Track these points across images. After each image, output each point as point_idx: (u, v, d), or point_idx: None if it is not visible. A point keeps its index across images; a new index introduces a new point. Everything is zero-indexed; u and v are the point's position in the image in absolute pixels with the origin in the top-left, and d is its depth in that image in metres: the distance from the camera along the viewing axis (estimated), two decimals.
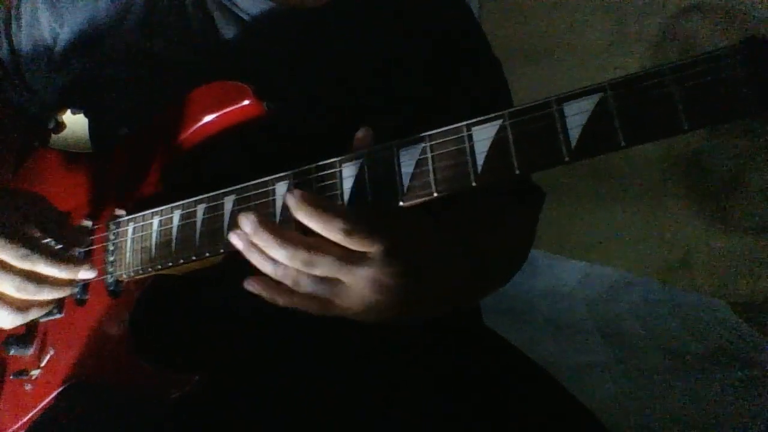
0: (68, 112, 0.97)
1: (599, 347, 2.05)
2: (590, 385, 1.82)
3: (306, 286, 0.59)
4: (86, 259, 0.78)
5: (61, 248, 0.74)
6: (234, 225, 0.68)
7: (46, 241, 0.73)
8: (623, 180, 2.37)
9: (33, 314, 0.73)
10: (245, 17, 0.84)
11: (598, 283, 2.33)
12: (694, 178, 2.34)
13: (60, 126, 0.99)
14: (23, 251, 0.67)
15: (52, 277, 0.71)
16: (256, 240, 0.59)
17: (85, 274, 0.73)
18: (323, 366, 0.79)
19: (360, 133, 0.63)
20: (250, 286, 0.61)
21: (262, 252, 0.60)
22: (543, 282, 2.32)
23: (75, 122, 0.97)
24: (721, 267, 2.29)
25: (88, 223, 0.81)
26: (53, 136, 1.00)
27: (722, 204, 2.30)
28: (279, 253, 0.58)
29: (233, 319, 0.81)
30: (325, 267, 0.58)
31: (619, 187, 2.39)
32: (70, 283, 0.74)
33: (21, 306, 0.71)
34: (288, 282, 0.60)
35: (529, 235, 0.90)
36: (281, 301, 0.61)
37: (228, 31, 0.84)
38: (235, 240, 0.61)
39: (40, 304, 0.73)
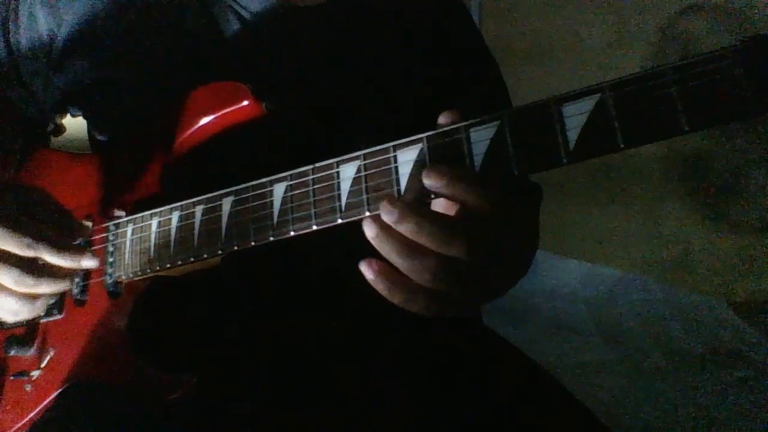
0: (68, 115, 0.97)
1: (599, 347, 2.05)
2: (590, 385, 1.82)
3: (441, 281, 0.53)
4: (88, 248, 0.78)
5: (63, 238, 0.74)
6: (234, 225, 0.68)
7: (48, 232, 0.72)
8: (623, 180, 2.37)
9: (40, 305, 0.73)
10: (246, 14, 0.84)
11: (598, 283, 2.33)
12: (694, 178, 2.33)
13: (59, 129, 0.99)
14: (27, 240, 0.67)
15: (55, 266, 0.70)
16: (404, 218, 0.52)
17: (88, 262, 0.72)
18: (322, 366, 0.79)
19: (445, 117, 0.57)
20: (367, 266, 0.54)
21: (399, 240, 0.53)
22: (543, 282, 2.32)
23: (74, 124, 0.97)
24: (721, 267, 2.29)
25: (88, 224, 0.81)
26: (53, 139, 1.00)
27: (722, 204, 2.29)
28: (432, 235, 0.51)
29: (232, 321, 0.81)
30: (483, 246, 0.52)
31: (619, 187, 2.39)
32: (72, 274, 0.73)
33: (24, 296, 0.71)
34: (425, 276, 0.52)
35: (535, 231, 0.90)
36: (399, 296, 0.54)
37: (228, 29, 0.84)
38: (368, 225, 0.54)
39: (46, 295, 0.73)
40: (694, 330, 2.11)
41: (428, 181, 0.53)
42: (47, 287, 0.70)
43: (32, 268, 0.69)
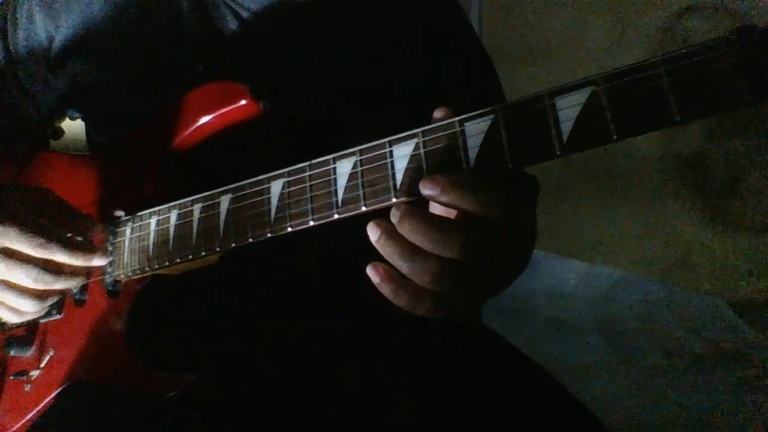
0: (66, 118, 0.97)
1: (599, 347, 2.04)
2: (590, 385, 1.81)
3: (443, 283, 0.52)
4: (97, 246, 0.79)
5: (72, 237, 0.76)
6: (232, 223, 0.68)
7: (59, 231, 0.74)
8: (623, 180, 2.37)
9: (50, 302, 0.75)
10: (244, 13, 0.84)
11: (598, 283, 2.32)
12: (694, 178, 2.33)
13: (58, 133, 1.00)
14: (39, 240, 0.69)
15: (68, 265, 0.73)
16: (402, 220, 0.52)
17: (99, 260, 0.76)
18: (324, 365, 0.79)
19: (439, 113, 0.57)
20: (374, 270, 0.54)
21: (401, 243, 0.53)
22: (543, 282, 2.32)
23: (72, 126, 0.98)
24: (721, 267, 2.29)
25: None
26: (52, 142, 1.00)
27: (722, 204, 2.29)
28: (428, 236, 0.51)
29: (231, 319, 0.81)
30: (481, 247, 0.52)
31: (619, 187, 2.39)
32: (85, 271, 0.76)
33: (39, 294, 0.73)
34: (426, 278, 0.52)
35: (533, 226, 0.89)
36: (404, 299, 0.54)
37: (225, 28, 0.85)
38: (371, 229, 0.54)
39: (56, 292, 0.75)
40: (694, 330, 2.11)
41: (424, 191, 0.54)
42: (64, 283, 0.73)
43: (51, 264, 0.71)
